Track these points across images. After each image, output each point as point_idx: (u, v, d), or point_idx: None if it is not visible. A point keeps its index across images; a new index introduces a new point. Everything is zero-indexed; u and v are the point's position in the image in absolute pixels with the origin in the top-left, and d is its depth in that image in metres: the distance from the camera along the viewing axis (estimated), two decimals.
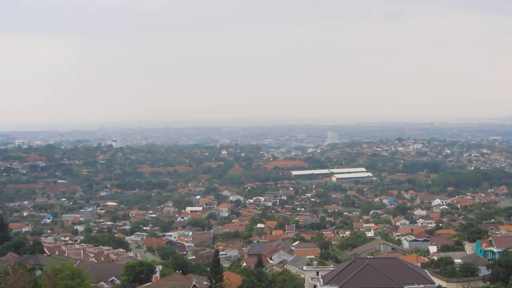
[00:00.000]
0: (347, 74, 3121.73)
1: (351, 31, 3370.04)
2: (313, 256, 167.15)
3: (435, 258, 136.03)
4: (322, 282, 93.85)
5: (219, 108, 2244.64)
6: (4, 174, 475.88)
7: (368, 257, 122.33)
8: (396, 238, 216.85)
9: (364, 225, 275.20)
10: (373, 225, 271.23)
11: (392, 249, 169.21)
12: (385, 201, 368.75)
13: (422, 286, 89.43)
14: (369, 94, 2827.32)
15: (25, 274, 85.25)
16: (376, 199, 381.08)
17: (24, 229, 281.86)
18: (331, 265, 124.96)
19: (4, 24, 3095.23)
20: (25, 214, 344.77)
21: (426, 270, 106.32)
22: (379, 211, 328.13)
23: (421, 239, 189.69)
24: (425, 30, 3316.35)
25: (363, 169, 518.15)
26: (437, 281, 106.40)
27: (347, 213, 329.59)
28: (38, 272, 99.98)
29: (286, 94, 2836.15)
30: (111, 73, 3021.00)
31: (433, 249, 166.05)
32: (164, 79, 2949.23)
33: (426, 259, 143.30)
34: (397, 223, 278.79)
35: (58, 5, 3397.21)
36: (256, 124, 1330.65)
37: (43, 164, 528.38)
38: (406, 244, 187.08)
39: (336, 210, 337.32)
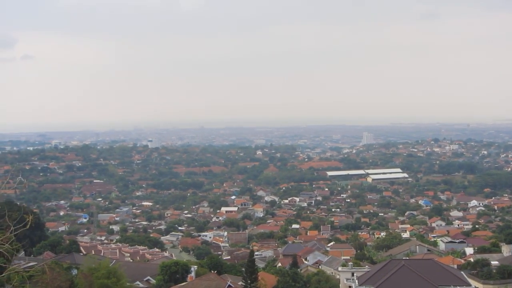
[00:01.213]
0: (383, 74, 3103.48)
1: (388, 31, 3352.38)
2: (348, 257, 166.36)
3: (472, 260, 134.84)
4: (357, 283, 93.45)
5: (254, 109, 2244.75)
6: (41, 174, 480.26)
7: (403, 258, 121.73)
8: (432, 240, 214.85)
9: (400, 226, 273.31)
10: (408, 226, 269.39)
11: (428, 250, 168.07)
12: (421, 202, 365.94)
13: None
14: (404, 94, 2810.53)
15: (62, 273, 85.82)
16: (412, 200, 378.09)
17: (60, 229, 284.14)
18: (366, 266, 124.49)
19: (40, 25, 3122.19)
20: (61, 213, 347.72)
21: (462, 272, 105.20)
22: (414, 212, 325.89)
23: (457, 241, 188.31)
24: (463, 29, 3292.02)
25: (398, 169, 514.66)
26: (474, 283, 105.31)
27: (382, 214, 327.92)
28: (75, 271, 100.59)
29: (321, 94, 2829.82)
30: (147, 74, 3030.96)
31: (469, 250, 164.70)
32: (199, 79, 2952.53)
33: (463, 260, 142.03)
34: (433, 224, 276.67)
35: (94, 6, 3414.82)
36: (291, 124, 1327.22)
37: (80, 164, 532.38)
38: (442, 246, 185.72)
39: (372, 211, 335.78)
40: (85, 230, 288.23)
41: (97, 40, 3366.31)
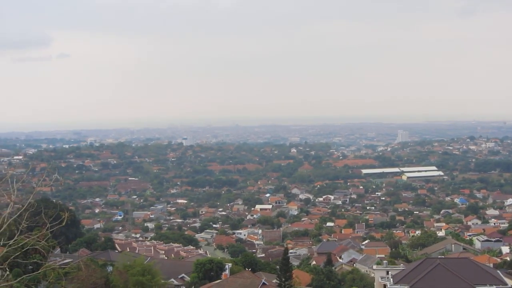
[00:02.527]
0: (417, 72, 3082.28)
1: (423, 27, 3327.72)
2: (383, 255, 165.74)
3: (508, 258, 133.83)
4: (392, 281, 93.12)
5: (288, 106, 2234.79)
6: (77, 172, 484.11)
7: (439, 257, 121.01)
8: (468, 238, 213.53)
9: (435, 224, 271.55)
10: (444, 224, 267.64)
11: (464, 249, 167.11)
12: (456, 200, 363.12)
13: (494, 287, 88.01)
14: (440, 92, 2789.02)
15: (97, 270, 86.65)
16: (448, 198, 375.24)
17: (96, 226, 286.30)
18: (401, 264, 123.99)
19: (77, 23, 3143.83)
20: (97, 211, 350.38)
21: (498, 271, 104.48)
22: (450, 211, 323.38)
23: (493, 239, 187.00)
24: (499, 26, 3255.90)
25: (434, 167, 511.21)
26: (510, 282, 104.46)
27: (417, 212, 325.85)
28: (110, 268, 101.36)
29: (355, 92, 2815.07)
30: (181, 71, 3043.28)
31: (506, 249, 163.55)
32: (234, 77, 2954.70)
33: (499, 259, 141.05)
34: (469, 223, 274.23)
35: (130, 5, 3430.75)
36: (325, 122, 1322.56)
37: (115, 162, 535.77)
38: (478, 244, 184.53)
39: (407, 209, 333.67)
40: (120, 228, 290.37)
41: (132, 38, 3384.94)
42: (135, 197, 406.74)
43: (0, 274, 71.30)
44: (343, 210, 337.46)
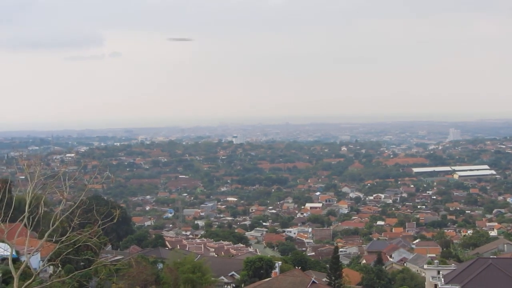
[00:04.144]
0: (470, 69, 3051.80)
1: (475, 24, 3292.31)
2: (434, 255, 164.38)
3: None
4: (443, 281, 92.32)
5: (338, 104, 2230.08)
6: (128, 169, 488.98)
7: (491, 257, 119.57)
8: None
9: (487, 224, 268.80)
10: (496, 224, 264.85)
11: None
12: (509, 199, 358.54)
13: None
14: (492, 90, 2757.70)
15: (148, 266, 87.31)
16: (500, 198, 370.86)
17: (146, 223, 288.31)
18: (453, 264, 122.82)
19: (129, 22, 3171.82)
20: (147, 208, 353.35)
21: None
22: (502, 210, 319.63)
23: None
24: None
25: (486, 166, 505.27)
26: None
27: (469, 211, 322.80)
28: (160, 265, 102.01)
29: (406, 89, 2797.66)
30: (232, 69, 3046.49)
31: None
32: (283, 74, 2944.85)
33: None
34: None
35: (181, 5, 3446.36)
36: (376, 120, 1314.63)
37: (165, 160, 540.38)
38: None
39: (458, 208, 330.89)
40: (171, 225, 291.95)
41: (183, 36, 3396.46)
42: (185, 194, 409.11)
43: (52, 270, 72.30)
44: (393, 209, 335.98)
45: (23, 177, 40.62)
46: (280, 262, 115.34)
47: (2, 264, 74.80)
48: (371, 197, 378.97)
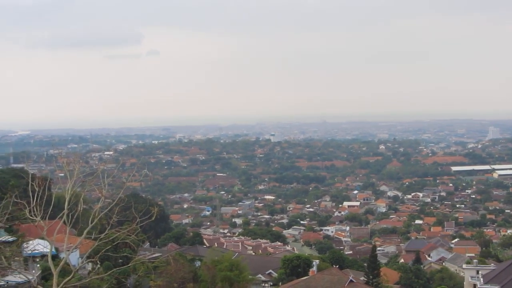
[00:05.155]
0: (510, 67, 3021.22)
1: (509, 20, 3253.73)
2: (473, 254, 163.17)
3: None
4: (482, 281, 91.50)
5: (376, 102, 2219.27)
6: (166, 167, 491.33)
7: None
8: None
9: None
10: None
11: None
12: None
13: None
14: None
15: (185, 264, 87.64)
16: None
17: (184, 221, 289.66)
18: (492, 264, 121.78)
19: (166, 20, 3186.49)
20: (185, 206, 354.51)
21: None
22: None
23: None
24: None
25: None
26: None
27: (509, 210, 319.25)
28: (198, 263, 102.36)
29: (445, 88, 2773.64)
30: (269, 68, 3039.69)
31: None
32: (321, 73, 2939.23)
33: None
34: None
35: (220, 3, 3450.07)
36: (414, 118, 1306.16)
37: (203, 158, 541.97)
38: None
39: (498, 208, 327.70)
40: (208, 223, 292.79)
41: (220, 35, 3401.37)
42: (223, 192, 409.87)
43: (91, 267, 72.85)
44: (432, 207, 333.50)
45: (63, 174, 41.02)
46: (317, 260, 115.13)
47: (42, 260, 75.48)
48: (409, 196, 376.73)
